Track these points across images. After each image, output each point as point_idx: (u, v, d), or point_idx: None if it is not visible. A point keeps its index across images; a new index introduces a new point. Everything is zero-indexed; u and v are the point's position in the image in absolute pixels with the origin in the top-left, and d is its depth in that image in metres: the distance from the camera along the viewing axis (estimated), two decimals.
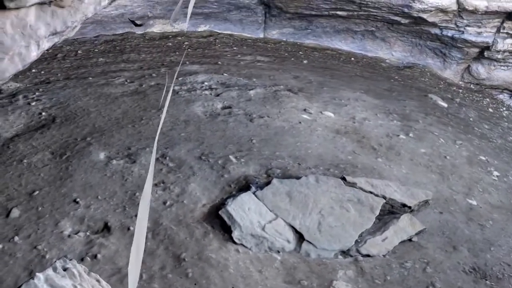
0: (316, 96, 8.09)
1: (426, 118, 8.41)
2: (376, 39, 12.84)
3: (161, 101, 6.77)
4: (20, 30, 3.60)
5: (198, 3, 11.33)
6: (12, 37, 3.55)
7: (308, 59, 11.27)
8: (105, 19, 10.54)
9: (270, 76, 8.83)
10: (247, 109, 7.05)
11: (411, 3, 11.12)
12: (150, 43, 10.86)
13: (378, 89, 9.51)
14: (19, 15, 3.56)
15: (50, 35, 3.81)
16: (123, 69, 8.57)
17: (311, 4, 11.92)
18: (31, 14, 3.64)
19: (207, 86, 7.79)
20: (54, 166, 5.30)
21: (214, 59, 9.89)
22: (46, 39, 3.78)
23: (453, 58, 12.48)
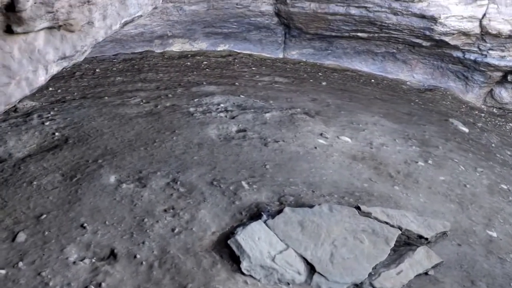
0: (333, 120, 7.96)
1: (446, 144, 8.21)
2: (397, 61, 12.68)
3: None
4: (28, 54, 3.55)
5: (218, 22, 11.34)
6: (19, 61, 3.50)
7: (327, 81, 11.15)
8: (124, 38, 10.57)
9: (288, 98, 8.73)
10: (262, 133, 6.94)
11: (433, 26, 10.96)
12: (169, 62, 10.85)
13: (398, 113, 9.34)
14: (27, 40, 3.51)
15: (59, 59, 3.75)
16: (139, 89, 8.54)
17: (331, 26, 11.83)
18: (40, 39, 3.59)
19: (222, 108, 7.71)
20: (64, 189, 5.23)
21: (232, 79, 9.82)
22: (54, 63, 3.73)
23: (475, 82, 12.25)
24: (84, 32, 3.83)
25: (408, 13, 11.00)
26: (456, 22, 10.90)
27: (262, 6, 11.49)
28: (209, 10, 11.04)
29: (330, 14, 11.47)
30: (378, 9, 11.12)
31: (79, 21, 3.70)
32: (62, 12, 3.56)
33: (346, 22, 11.67)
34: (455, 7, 10.75)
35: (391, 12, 11.10)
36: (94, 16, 3.83)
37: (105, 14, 3.96)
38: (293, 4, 11.42)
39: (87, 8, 3.71)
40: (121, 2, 4.07)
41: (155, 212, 4.96)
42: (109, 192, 5.21)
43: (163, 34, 11.23)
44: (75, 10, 3.64)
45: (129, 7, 4.19)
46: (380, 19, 11.31)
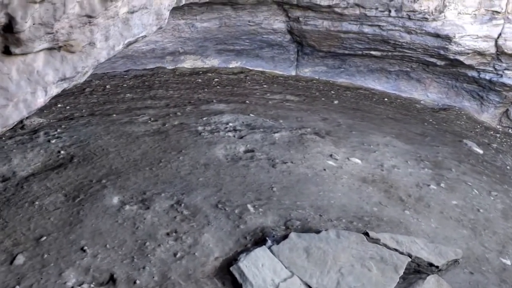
0: (343, 141, 7.82)
1: (460, 166, 8.02)
2: (410, 80, 12.54)
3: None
4: (27, 76, 3.47)
5: (230, 39, 11.29)
6: (17, 83, 3.42)
7: (339, 99, 11.02)
8: (135, 54, 10.54)
9: (298, 118, 8.61)
10: (270, 154, 6.82)
11: (447, 45, 10.82)
12: (180, 79, 10.80)
13: (410, 133, 9.17)
14: (26, 61, 3.44)
15: (59, 80, 3.67)
16: (148, 106, 8.47)
17: (344, 44, 11.73)
18: (39, 60, 3.51)
19: (231, 127, 7.61)
20: (66, 210, 5.14)
21: (242, 97, 9.73)
22: (54, 85, 3.65)
23: (490, 102, 12.06)
24: (85, 53, 3.75)
25: (422, 32, 10.87)
26: (471, 41, 10.75)
27: (275, 24, 11.43)
28: (221, 27, 11.00)
29: (343, 32, 11.37)
30: (391, 28, 11.00)
31: (80, 42, 3.63)
32: (62, 33, 3.48)
33: (359, 40, 11.56)
34: (470, 26, 10.60)
35: (405, 31, 10.98)
36: (96, 37, 3.75)
37: (108, 35, 3.88)
38: (306, 22, 11.34)
39: (88, 29, 3.63)
40: (124, 23, 3.99)
41: (158, 236, 4.84)
42: (112, 214, 5.11)
43: (175, 50, 11.20)
44: (76, 31, 3.56)
45: (132, 27, 4.11)
46: (393, 38, 11.18)
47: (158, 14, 4.45)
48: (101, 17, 3.68)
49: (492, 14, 10.54)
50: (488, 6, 10.46)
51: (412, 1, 10.46)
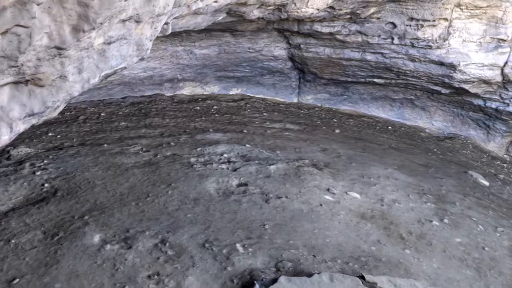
0: (342, 173, 7.52)
1: (464, 200, 7.68)
2: (415, 108, 12.28)
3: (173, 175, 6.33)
4: None
5: (230, 66, 11.09)
6: None
7: (341, 128, 10.75)
8: (133, 81, 10.34)
9: (296, 148, 8.33)
10: (264, 188, 6.52)
11: (452, 73, 10.57)
12: (178, 106, 10.57)
13: (413, 165, 8.86)
14: None
15: (26, 116, 3.41)
16: (142, 136, 8.22)
17: (347, 71, 11.51)
18: (4, 94, 3.25)
19: (225, 158, 7.33)
20: (43, 249, 4.85)
21: (241, 126, 9.48)
22: (21, 121, 3.38)
23: (497, 131, 11.77)
24: (56, 86, 3.49)
25: (426, 60, 10.63)
26: (476, 69, 10.51)
27: (275, 51, 11.22)
28: (220, 54, 10.80)
29: (345, 59, 11.15)
30: (394, 55, 10.78)
31: (50, 75, 3.37)
32: (28, 66, 3.23)
33: (361, 67, 11.33)
34: (475, 54, 10.36)
35: (408, 58, 10.75)
36: (68, 69, 3.49)
37: (81, 67, 3.63)
38: (307, 49, 11.13)
39: (58, 61, 3.38)
40: (100, 54, 3.74)
41: (138, 279, 4.53)
42: (91, 254, 4.81)
43: (173, 77, 10.99)
44: (44, 63, 3.31)
45: (109, 59, 3.86)
46: (397, 66, 10.95)
47: (139, 44, 4.21)
48: (73, 49, 3.43)
49: (497, 42, 10.31)
50: (494, 34, 10.23)
51: (415, 29, 10.24)
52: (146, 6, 3.90)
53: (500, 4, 10.02)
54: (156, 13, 4.07)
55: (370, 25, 10.31)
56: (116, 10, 3.53)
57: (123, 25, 3.81)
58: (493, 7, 10.03)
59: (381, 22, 10.28)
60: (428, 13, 10.04)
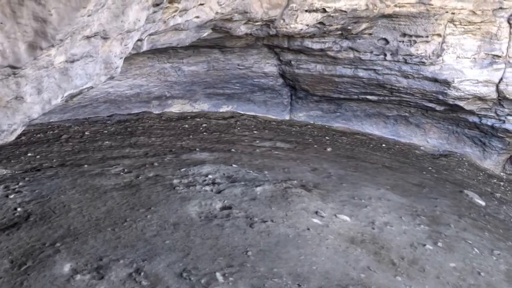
0: (332, 194, 7.23)
1: (460, 221, 7.40)
2: (409, 125, 12.05)
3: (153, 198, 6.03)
4: None
5: (219, 83, 10.86)
6: None
7: (333, 146, 10.48)
8: (119, 99, 10.09)
9: (285, 169, 8.04)
10: (249, 211, 6.22)
11: (446, 90, 10.35)
12: (165, 124, 10.30)
13: (407, 185, 8.58)
14: None
15: None
16: (125, 155, 7.93)
17: (339, 88, 11.28)
18: None
19: (210, 180, 7.04)
20: (8, 280, 4.53)
21: (229, 145, 9.20)
22: None
23: (493, 148, 11.55)
24: (12, 108, 3.22)
25: (420, 77, 10.42)
26: (471, 86, 10.31)
27: (266, 67, 10.99)
28: (209, 70, 10.56)
29: (337, 76, 10.92)
30: (387, 72, 10.56)
31: (3, 96, 3.10)
32: None
33: (354, 84, 11.11)
34: (470, 70, 10.16)
35: (401, 75, 10.52)
36: (24, 90, 3.22)
37: (40, 88, 3.36)
38: (298, 66, 10.90)
39: (13, 81, 3.11)
40: (62, 73, 3.48)
41: None
42: (60, 285, 4.50)
43: (161, 94, 10.74)
44: None
45: (73, 78, 3.59)
46: (390, 82, 10.73)
47: (107, 62, 3.94)
48: (30, 68, 3.17)
49: (492, 58, 10.11)
50: (488, 50, 10.04)
51: (408, 45, 10.03)
52: (114, 22, 3.64)
53: (494, 19, 9.84)
54: (126, 29, 3.82)
55: (362, 41, 10.09)
56: (78, 25, 3.27)
57: (88, 41, 3.56)
58: (487, 22, 9.85)
59: (373, 38, 10.07)
60: (421, 28, 9.84)
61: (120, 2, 3.57)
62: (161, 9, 4.55)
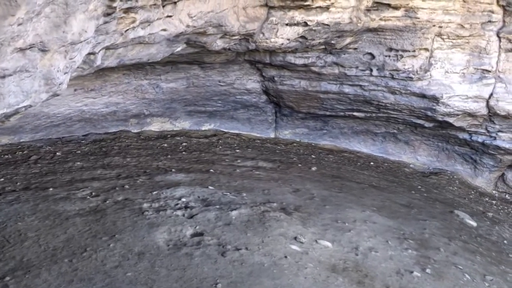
0: (314, 218, 6.80)
1: (450, 245, 7.00)
2: (398, 142, 11.68)
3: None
4: None
5: (200, 100, 10.47)
6: None
7: (318, 165, 10.07)
8: (94, 117, 9.67)
9: (265, 190, 7.61)
10: (222, 238, 5.78)
11: (435, 106, 10.01)
12: (144, 143, 9.88)
13: (394, 205, 8.18)
14: None
15: None
16: (96, 177, 7.49)
17: (325, 104, 10.91)
18: None
19: (183, 203, 6.60)
20: None
21: (208, 165, 8.77)
22: None
23: (485, 165, 11.21)
24: None
25: (407, 92, 10.08)
26: (460, 102, 9.98)
27: (248, 84, 10.62)
28: (189, 87, 10.17)
29: (322, 92, 10.56)
30: (374, 88, 10.21)
31: None
32: None
33: (340, 101, 10.74)
34: (459, 86, 9.84)
35: (388, 91, 10.18)
36: None
37: None
38: (282, 82, 10.53)
39: None
40: None
41: None
42: None
43: (139, 113, 10.32)
44: None
45: (5, 96, 3.17)
46: (376, 98, 10.37)
47: (48, 78, 3.53)
48: None
49: (482, 73, 9.79)
50: (478, 65, 9.73)
51: (395, 60, 9.69)
52: (54, 33, 3.23)
53: (483, 33, 9.54)
54: (69, 40, 3.42)
55: (347, 56, 9.74)
56: (7, 36, 2.86)
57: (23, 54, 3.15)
58: (476, 36, 9.55)
59: (359, 53, 9.73)
60: (407, 43, 9.52)
61: (61, 11, 3.17)
62: (114, 19, 4.16)
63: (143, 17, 4.78)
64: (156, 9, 4.93)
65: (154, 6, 4.81)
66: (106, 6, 3.86)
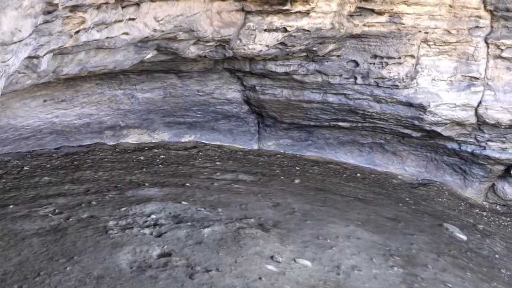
0: (293, 234, 6.38)
1: (438, 261, 6.63)
2: (386, 153, 11.34)
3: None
4: None
5: (178, 111, 10.08)
6: None
7: (302, 177, 9.69)
8: (66, 129, 9.25)
9: (243, 205, 7.20)
10: (191, 258, 5.33)
11: (422, 115, 9.69)
12: (119, 156, 9.47)
13: (380, 219, 7.80)
14: None
15: None
16: (62, 193, 7.05)
17: (309, 114, 10.55)
18: None
19: (152, 221, 6.16)
20: None
21: (185, 178, 8.35)
22: None
23: (474, 176, 10.91)
24: None
25: (393, 101, 9.76)
26: (448, 110, 9.68)
27: (228, 93, 10.23)
28: (166, 97, 9.77)
29: (305, 101, 10.20)
30: (358, 96, 9.88)
31: None
32: None
33: (324, 110, 10.38)
34: (446, 94, 9.54)
35: (373, 99, 9.84)
36: None
37: None
38: (263, 91, 10.15)
39: None
40: None
41: None
42: None
43: (115, 124, 9.90)
44: None
45: None
46: (362, 107, 10.03)
47: None
48: None
49: (470, 80, 9.51)
50: (465, 72, 9.44)
51: (379, 67, 9.36)
52: None
53: (470, 39, 9.26)
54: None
55: (330, 63, 9.39)
56: None
57: None
58: (463, 42, 9.27)
59: (342, 60, 9.38)
60: (392, 49, 9.20)
61: None
62: (57, 18, 3.74)
63: (98, 18, 4.36)
64: (114, 10, 4.52)
65: (108, 6, 4.40)
66: (45, 3, 3.45)
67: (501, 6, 8.90)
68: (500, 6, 8.92)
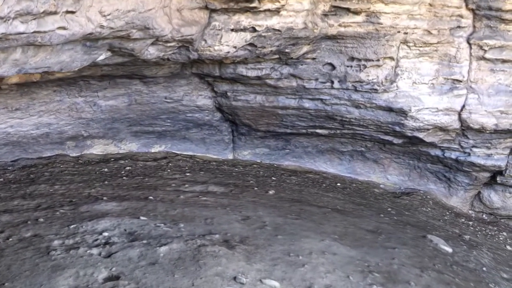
0: (262, 251, 5.80)
1: (422, 276, 6.16)
2: (367, 161, 10.90)
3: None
4: None
5: (146, 120, 9.52)
6: None
7: (278, 188, 9.15)
8: (23, 140, 8.65)
9: (208, 219, 6.60)
10: (142, 282, 4.72)
11: (403, 120, 9.25)
12: (81, 168, 8.86)
13: (360, 232, 7.28)
14: None
15: None
16: (9, 210, 6.43)
17: (285, 121, 10.04)
18: None
19: (103, 239, 5.54)
20: None
21: (149, 191, 7.77)
22: None
23: (459, 184, 10.57)
24: None
25: (372, 106, 9.32)
26: (430, 115, 9.27)
27: (199, 100, 9.68)
28: (131, 105, 9.19)
29: (280, 108, 9.69)
30: (336, 102, 9.41)
31: None
32: None
33: (300, 117, 9.88)
34: (428, 98, 9.13)
35: (352, 105, 9.38)
36: None
37: None
38: (236, 97, 9.62)
39: None
40: None
41: None
42: None
43: (77, 134, 9.30)
44: None
45: None
46: (340, 113, 9.56)
47: None
48: None
49: (452, 83, 9.12)
50: (447, 74, 9.04)
51: (357, 70, 8.90)
52: None
53: (452, 40, 8.86)
54: None
55: (304, 66, 8.90)
56: None
57: None
58: (444, 43, 8.87)
59: (318, 63, 8.90)
60: (370, 51, 8.75)
61: None
62: None
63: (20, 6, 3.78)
64: None
65: None
66: None
67: (483, 4, 8.52)
68: (482, 5, 8.53)
